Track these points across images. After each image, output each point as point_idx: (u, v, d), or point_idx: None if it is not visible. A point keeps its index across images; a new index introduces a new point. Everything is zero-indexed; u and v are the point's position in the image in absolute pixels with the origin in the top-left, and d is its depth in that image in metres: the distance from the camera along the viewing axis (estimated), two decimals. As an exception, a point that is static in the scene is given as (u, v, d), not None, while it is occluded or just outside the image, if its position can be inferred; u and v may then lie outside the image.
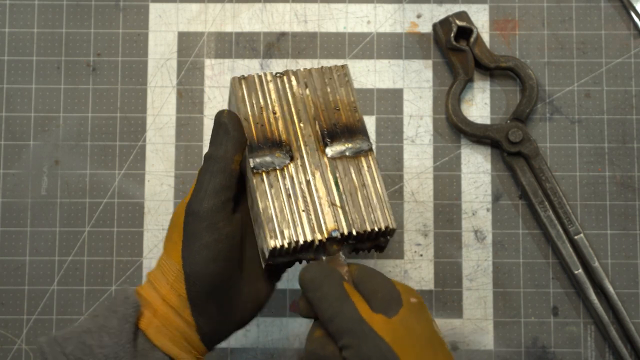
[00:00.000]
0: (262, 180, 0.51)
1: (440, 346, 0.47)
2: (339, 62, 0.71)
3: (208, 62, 0.71)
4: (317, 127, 0.54)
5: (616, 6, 0.71)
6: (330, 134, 0.53)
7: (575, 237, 0.68)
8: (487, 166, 0.70)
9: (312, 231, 0.50)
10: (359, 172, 0.53)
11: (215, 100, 0.71)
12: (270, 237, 0.50)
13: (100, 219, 0.70)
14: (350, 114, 0.54)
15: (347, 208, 0.51)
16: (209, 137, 0.71)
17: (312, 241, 0.50)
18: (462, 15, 0.69)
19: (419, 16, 0.72)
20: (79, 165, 0.70)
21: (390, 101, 0.71)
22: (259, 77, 0.55)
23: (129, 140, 0.70)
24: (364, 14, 0.72)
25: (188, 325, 0.50)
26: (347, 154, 0.53)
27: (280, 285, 0.67)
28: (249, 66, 0.71)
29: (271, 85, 0.55)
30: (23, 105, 0.71)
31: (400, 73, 0.71)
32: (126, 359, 0.48)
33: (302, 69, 0.55)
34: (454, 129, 0.70)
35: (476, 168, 0.70)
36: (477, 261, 0.69)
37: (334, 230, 0.51)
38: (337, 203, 0.51)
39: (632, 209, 0.69)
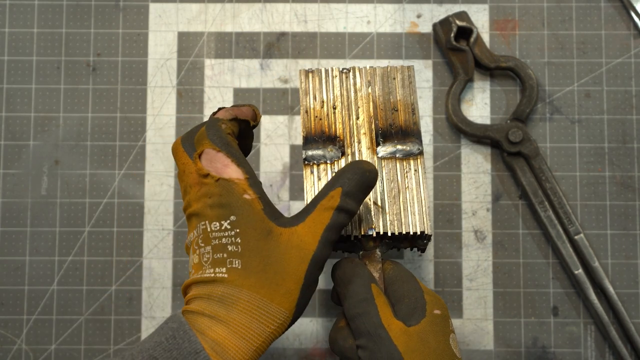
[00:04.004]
0: (312, 172, 0.54)
1: None
2: (340, 62, 0.71)
3: (208, 62, 0.71)
4: (373, 125, 0.55)
5: (616, 6, 0.71)
6: (384, 134, 0.55)
7: (575, 237, 0.68)
8: (487, 166, 0.70)
9: (351, 226, 0.52)
10: (405, 174, 0.54)
11: (215, 100, 0.71)
12: None
13: (100, 219, 0.70)
14: (408, 116, 0.56)
15: (387, 209, 0.53)
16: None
17: (349, 236, 0.52)
18: (462, 15, 0.69)
19: (419, 16, 0.72)
20: (79, 165, 0.70)
21: (390, 101, 0.71)
22: (326, 71, 0.57)
23: (129, 140, 0.70)
24: (364, 14, 0.72)
25: None
26: (397, 155, 0.55)
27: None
28: (249, 66, 0.71)
29: (336, 81, 0.57)
30: (23, 105, 0.71)
31: (400, 73, 0.71)
32: None
33: (368, 67, 0.57)
34: (454, 129, 0.70)
35: (476, 168, 0.70)
36: (477, 261, 0.69)
37: (371, 228, 0.52)
38: (379, 202, 0.53)
39: (632, 209, 0.69)
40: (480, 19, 0.71)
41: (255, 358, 0.46)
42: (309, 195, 0.53)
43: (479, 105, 0.71)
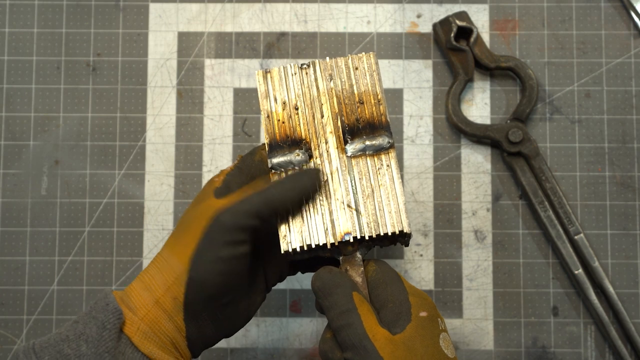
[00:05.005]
0: None
1: None
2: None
3: (208, 62, 0.71)
4: (339, 122, 0.52)
5: (616, 6, 0.71)
6: (351, 131, 0.52)
7: (575, 237, 0.68)
8: (487, 166, 0.70)
9: (326, 234, 0.50)
10: (378, 171, 0.51)
11: (215, 100, 0.71)
12: (283, 240, 0.50)
13: (100, 219, 0.70)
14: (375, 108, 0.53)
15: (362, 210, 0.50)
16: (209, 137, 0.71)
17: (325, 244, 0.50)
18: (462, 15, 0.69)
19: (419, 16, 0.72)
20: (79, 165, 0.70)
21: (390, 101, 0.71)
22: (284, 69, 0.54)
23: (129, 140, 0.70)
24: (364, 14, 0.72)
25: (178, 329, 0.49)
26: (368, 152, 0.52)
27: (281, 285, 0.67)
28: (249, 66, 0.71)
29: (295, 79, 0.53)
30: (23, 105, 0.71)
31: (400, 73, 0.71)
32: None
33: (328, 59, 0.54)
34: (454, 129, 0.70)
35: (476, 168, 0.70)
36: (477, 261, 0.69)
37: (347, 233, 0.50)
38: (353, 205, 0.50)
39: (632, 209, 0.69)
40: (480, 19, 0.71)
41: (159, 309, 0.49)
42: None
43: (479, 105, 0.71)
